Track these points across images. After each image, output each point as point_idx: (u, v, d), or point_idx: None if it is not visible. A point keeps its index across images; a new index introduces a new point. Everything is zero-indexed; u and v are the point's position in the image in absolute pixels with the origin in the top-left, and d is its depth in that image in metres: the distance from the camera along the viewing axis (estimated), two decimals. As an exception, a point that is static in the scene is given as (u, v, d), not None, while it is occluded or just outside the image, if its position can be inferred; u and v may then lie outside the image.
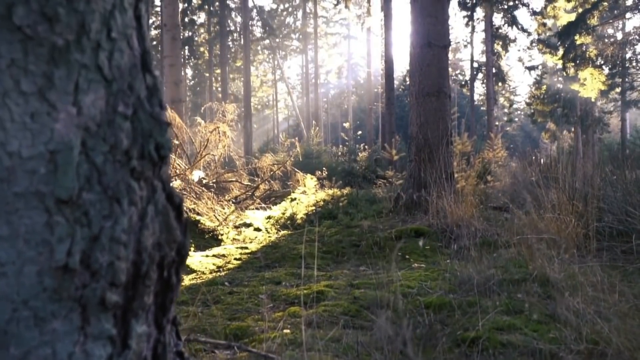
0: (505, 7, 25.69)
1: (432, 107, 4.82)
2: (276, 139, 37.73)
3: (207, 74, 31.36)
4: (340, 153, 14.85)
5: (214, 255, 4.01)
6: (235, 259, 3.93)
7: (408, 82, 5.26)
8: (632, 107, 25.95)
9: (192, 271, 3.62)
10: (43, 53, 0.53)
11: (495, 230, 4.17)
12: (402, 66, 53.32)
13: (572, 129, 31.00)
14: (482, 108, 40.55)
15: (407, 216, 4.67)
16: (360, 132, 19.86)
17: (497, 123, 41.20)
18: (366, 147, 14.95)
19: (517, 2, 24.56)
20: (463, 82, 31.44)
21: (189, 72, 36.21)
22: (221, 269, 3.65)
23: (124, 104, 0.60)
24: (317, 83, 30.89)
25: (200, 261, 3.81)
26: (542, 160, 9.08)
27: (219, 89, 30.84)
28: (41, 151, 0.53)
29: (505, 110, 36.70)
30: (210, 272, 3.57)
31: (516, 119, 47.59)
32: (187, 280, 3.40)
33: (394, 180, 9.48)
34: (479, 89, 38.76)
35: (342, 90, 51.23)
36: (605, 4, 20.21)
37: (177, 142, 6.31)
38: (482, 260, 3.10)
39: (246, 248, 4.27)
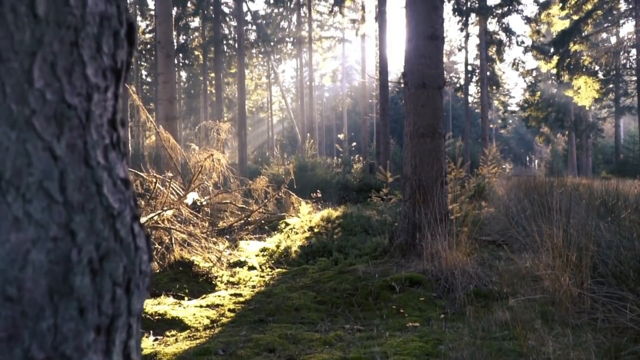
0: (500, 12, 25.74)
1: (426, 147, 4.82)
2: (271, 142, 37.64)
3: (202, 78, 31.25)
4: (335, 165, 14.83)
5: (207, 306, 3.99)
6: (229, 310, 3.91)
7: (403, 85, 5.29)
8: (625, 114, 26.12)
9: (186, 327, 3.60)
10: None
11: (490, 278, 4.18)
12: (396, 68, 53.32)
13: (566, 132, 31.13)
14: (476, 110, 40.68)
15: (401, 259, 4.67)
16: (354, 143, 19.86)
17: (491, 125, 41.31)
18: (360, 158, 14.94)
19: (510, 8, 24.60)
20: (458, 86, 31.49)
21: (183, 74, 36.04)
22: (215, 324, 3.62)
23: None
24: (312, 86, 30.87)
25: (194, 314, 3.79)
26: (535, 176, 9.09)
27: (213, 91, 30.72)
28: None
29: (500, 113, 36.82)
30: (204, 329, 3.55)
31: (510, 121, 47.75)
32: (180, 339, 3.38)
33: (387, 199, 9.49)
34: (473, 89, 38.84)
35: (337, 93, 51.21)
36: (600, 12, 20.29)
37: (170, 174, 6.28)
38: (477, 325, 3.10)
39: (240, 295, 4.26)
